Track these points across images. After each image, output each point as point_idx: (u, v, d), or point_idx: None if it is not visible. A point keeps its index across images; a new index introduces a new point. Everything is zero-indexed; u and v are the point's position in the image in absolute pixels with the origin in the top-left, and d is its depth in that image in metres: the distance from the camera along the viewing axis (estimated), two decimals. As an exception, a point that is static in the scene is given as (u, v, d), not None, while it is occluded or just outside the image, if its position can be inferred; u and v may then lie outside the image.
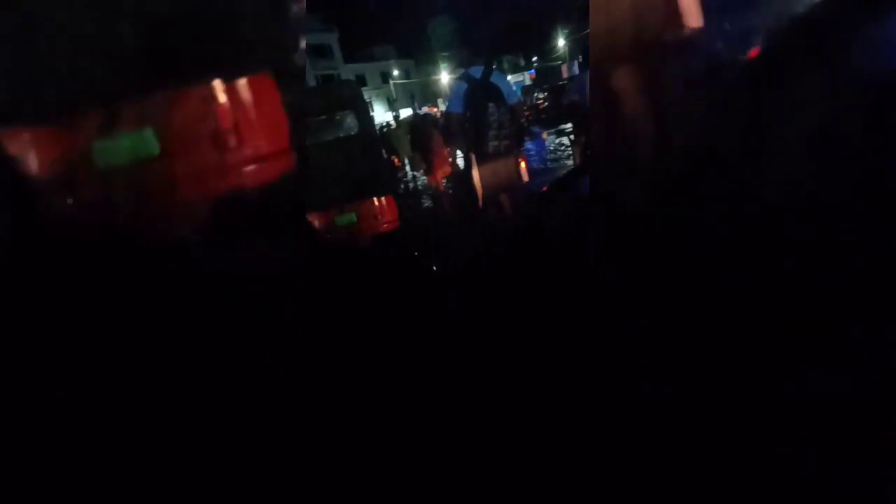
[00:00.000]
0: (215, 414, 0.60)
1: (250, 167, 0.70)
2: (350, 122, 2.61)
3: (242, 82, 0.69)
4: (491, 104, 2.22)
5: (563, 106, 6.01)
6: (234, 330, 0.63)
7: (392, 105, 23.09)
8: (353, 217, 2.34)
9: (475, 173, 2.26)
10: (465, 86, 2.26)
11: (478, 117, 2.23)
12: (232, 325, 0.64)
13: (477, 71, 2.27)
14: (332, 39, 23.20)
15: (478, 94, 2.22)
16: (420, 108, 14.09)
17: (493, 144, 2.26)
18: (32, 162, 0.67)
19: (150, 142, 0.66)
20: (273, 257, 0.69)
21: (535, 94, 10.96)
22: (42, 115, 0.67)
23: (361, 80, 24.70)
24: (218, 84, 0.68)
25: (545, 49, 22.22)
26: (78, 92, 0.67)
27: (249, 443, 0.59)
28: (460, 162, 2.75)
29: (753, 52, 0.49)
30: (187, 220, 0.68)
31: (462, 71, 2.33)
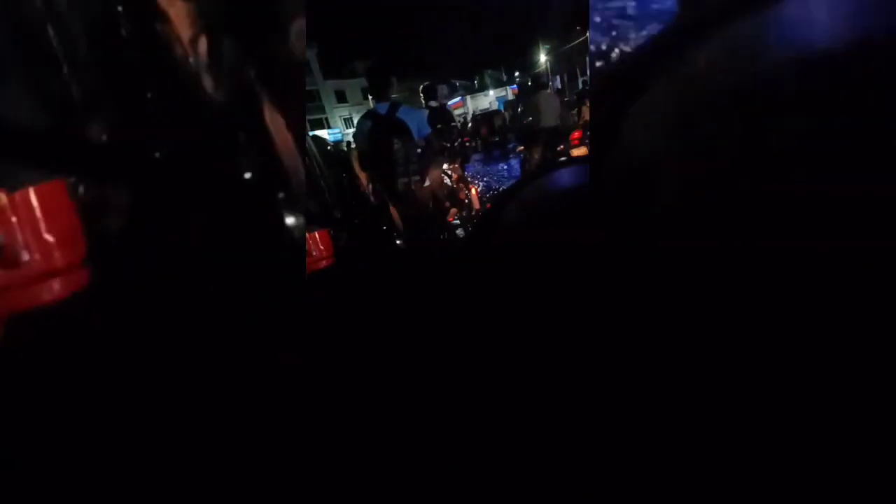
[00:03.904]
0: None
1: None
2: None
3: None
4: (396, 140, 2.20)
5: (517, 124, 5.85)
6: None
7: (373, 121, 22.67)
8: None
9: (392, 210, 2.32)
10: (368, 123, 2.23)
11: (383, 154, 2.22)
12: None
13: (383, 107, 2.23)
14: (310, 56, 22.86)
15: (381, 130, 2.21)
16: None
17: (401, 181, 2.27)
18: None
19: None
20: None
21: (519, 109, 10.65)
22: None
23: (342, 97, 24.33)
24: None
25: (527, 63, 22.05)
26: None
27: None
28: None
29: None
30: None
31: (368, 108, 2.36)
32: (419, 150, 2.27)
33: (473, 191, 2.97)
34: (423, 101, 3.17)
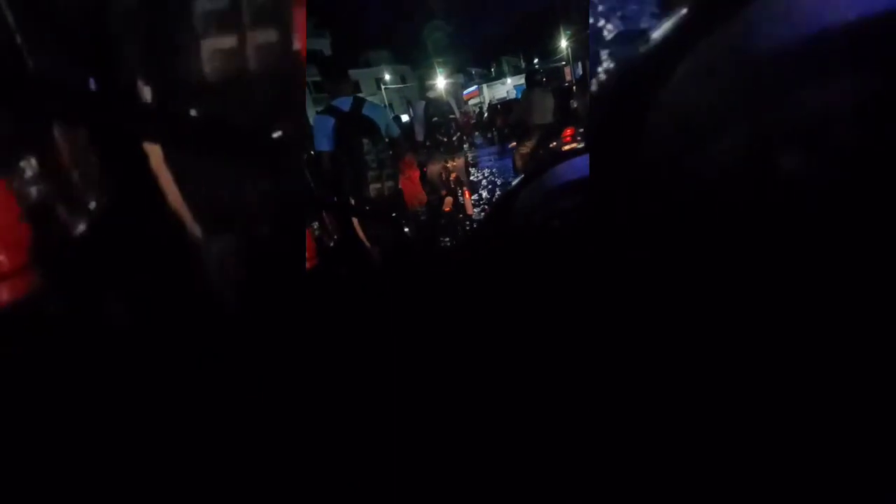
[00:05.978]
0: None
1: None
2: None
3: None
4: (365, 141, 1.89)
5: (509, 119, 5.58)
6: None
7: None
8: None
9: (355, 222, 1.92)
10: (331, 120, 1.89)
11: (351, 157, 1.90)
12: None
13: (345, 102, 1.92)
14: (324, 45, 22.44)
15: (348, 129, 1.88)
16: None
17: (374, 187, 1.96)
18: None
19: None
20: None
21: (513, 106, 10.11)
22: None
23: (356, 86, 23.93)
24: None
25: (547, 50, 21.11)
26: None
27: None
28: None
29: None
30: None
31: (326, 104, 1.98)
32: (390, 153, 2.02)
33: (467, 195, 2.61)
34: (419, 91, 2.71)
